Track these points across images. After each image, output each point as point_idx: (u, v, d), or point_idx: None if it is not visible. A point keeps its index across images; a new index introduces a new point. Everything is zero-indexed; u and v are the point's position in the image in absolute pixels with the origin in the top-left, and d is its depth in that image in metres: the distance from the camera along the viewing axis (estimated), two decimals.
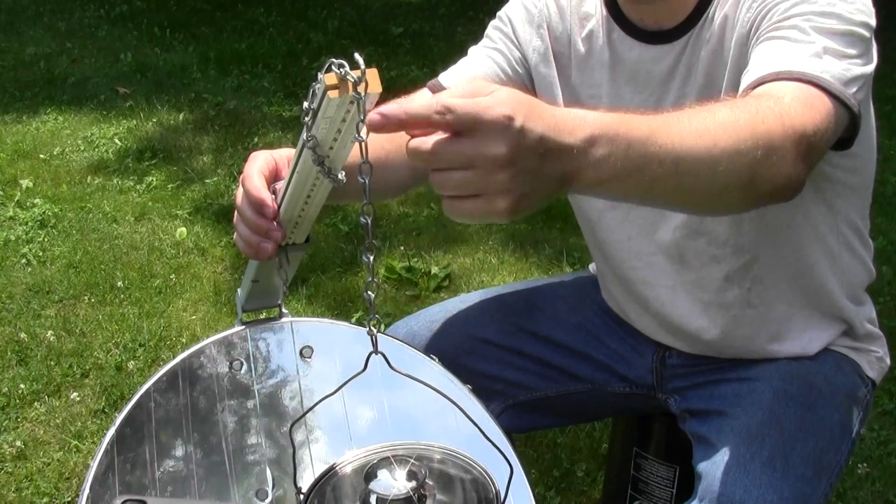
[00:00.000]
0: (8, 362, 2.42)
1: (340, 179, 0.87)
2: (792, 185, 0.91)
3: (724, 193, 0.87)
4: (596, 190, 0.79)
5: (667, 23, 1.17)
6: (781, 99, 0.91)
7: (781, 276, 1.24)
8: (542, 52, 1.28)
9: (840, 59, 0.98)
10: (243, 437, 1.07)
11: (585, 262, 2.77)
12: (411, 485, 0.86)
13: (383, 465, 0.88)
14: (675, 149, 0.80)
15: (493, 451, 0.85)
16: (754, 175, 0.86)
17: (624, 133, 0.77)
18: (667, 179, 0.81)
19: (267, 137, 3.94)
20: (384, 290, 2.80)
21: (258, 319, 1.22)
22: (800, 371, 1.24)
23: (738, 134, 0.85)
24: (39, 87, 4.48)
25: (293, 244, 1.11)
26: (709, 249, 1.23)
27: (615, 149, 0.76)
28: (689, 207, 0.99)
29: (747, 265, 1.23)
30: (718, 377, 1.30)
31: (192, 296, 2.76)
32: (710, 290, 1.26)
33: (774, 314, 1.26)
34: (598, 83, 1.24)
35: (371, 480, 0.86)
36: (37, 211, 3.21)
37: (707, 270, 1.25)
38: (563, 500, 2.04)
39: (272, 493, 1.03)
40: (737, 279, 1.24)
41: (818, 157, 0.95)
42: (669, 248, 1.26)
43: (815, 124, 0.91)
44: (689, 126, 0.83)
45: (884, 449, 2.18)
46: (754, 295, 1.25)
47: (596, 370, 1.40)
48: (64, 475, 2.07)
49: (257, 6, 5.91)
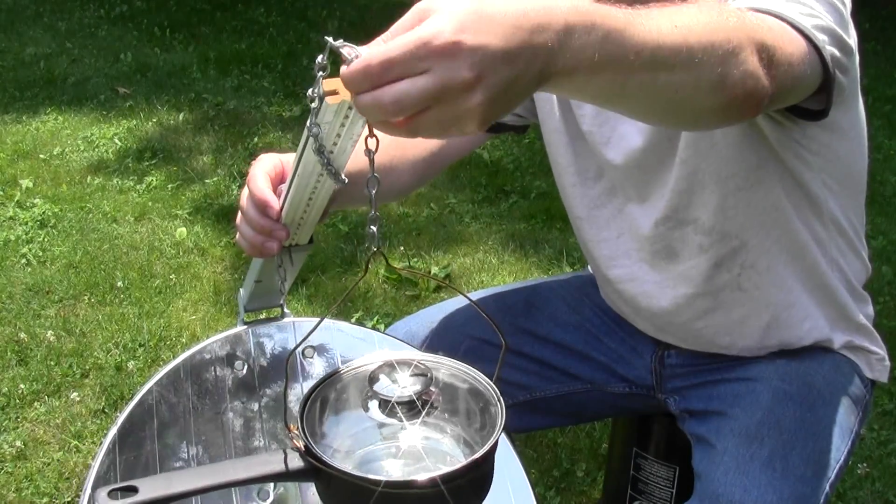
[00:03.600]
0: (8, 362, 2.42)
1: (343, 180, 0.87)
2: (760, 90, 0.86)
3: (697, 94, 0.83)
4: (568, 85, 0.75)
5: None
6: (744, 14, 0.89)
7: (776, 260, 1.23)
8: None
9: (811, 10, 0.97)
10: (245, 437, 1.08)
11: (585, 262, 2.77)
12: (416, 388, 0.86)
13: (388, 370, 0.88)
14: (653, 38, 0.76)
15: None
16: (725, 72, 0.82)
17: (600, 22, 0.72)
18: (642, 73, 0.77)
19: (267, 137, 3.95)
20: (384, 290, 2.80)
21: (260, 319, 1.22)
22: (799, 371, 1.24)
23: (709, 28, 0.82)
24: (39, 87, 4.48)
25: (296, 245, 1.12)
26: (696, 238, 1.22)
27: (591, 38, 0.72)
28: (658, 114, 0.92)
29: (735, 250, 1.22)
30: (718, 377, 1.30)
31: (192, 296, 2.76)
32: (698, 281, 1.25)
33: (770, 299, 1.25)
34: None
35: (375, 383, 0.86)
36: (37, 211, 3.21)
37: (695, 261, 1.24)
38: (563, 500, 2.04)
39: (273, 492, 1.03)
40: (725, 265, 1.23)
41: (784, 79, 0.90)
42: (655, 243, 1.26)
43: (774, 40, 0.88)
44: (663, 18, 0.79)
45: (884, 449, 2.18)
46: (745, 279, 1.24)
47: (595, 370, 1.40)
48: (64, 475, 2.07)
49: (257, 6, 5.91)
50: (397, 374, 0.87)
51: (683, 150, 1.17)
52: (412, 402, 0.85)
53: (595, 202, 1.30)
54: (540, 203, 3.40)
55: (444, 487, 0.77)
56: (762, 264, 1.23)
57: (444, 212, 3.33)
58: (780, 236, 1.21)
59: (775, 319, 1.26)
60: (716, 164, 1.16)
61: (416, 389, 0.86)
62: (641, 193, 1.24)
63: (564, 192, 1.35)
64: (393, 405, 0.85)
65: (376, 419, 0.87)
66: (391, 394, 0.85)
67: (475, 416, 0.89)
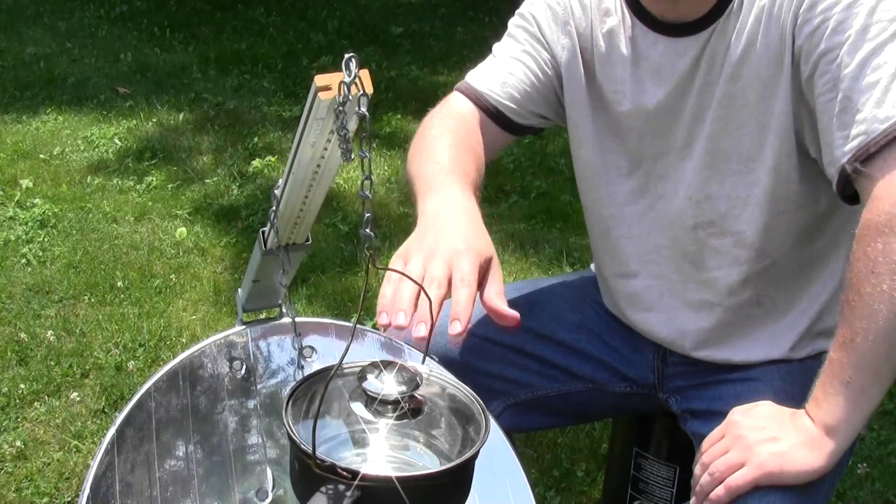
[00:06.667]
0: (8, 362, 2.42)
1: (351, 159, 0.87)
2: None
3: None
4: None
5: (690, 15, 1.16)
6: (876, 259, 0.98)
7: (794, 282, 1.25)
8: (570, 50, 1.27)
9: None
10: (244, 437, 1.07)
11: (585, 262, 2.77)
12: (402, 389, 0.86)
13: (378, 369, 0.88)
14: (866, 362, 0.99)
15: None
16: None
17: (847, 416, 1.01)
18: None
19: (267, 137, 3.95)
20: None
21: (259, 319, 1.22)
22: (801, 371, 1.24)
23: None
24: (39, 87, 4.49)
25: (294, 244, 1.11)
26: (733, 251, 1.23)
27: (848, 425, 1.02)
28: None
29: (766, 269, 1.23)
30: (720, 377, 1.30)
31: (192, 296, 2.76)
32: (721, 291, 1.26)
33: (778, 317, 1.26)
34: (621, 80, 1.23)
35: (363, 381, 0.87)
36: (37, 211, 3.21)
37: (724, 271, 1.24)
38: (563, 500, 2.04)
39: (272, 492, 1.03)
40: (753, 281, 1.24)
41: None
42: (687, 245, 1.26)
43: None
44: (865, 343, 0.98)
45: (884, 449, 2.18)
46: (765, 296, 1.25)
47: (597, 369, 1.40)
48: (64, 475, 2.07)
49: (257, 6, 5.92)
50: (385, 375, 0.87)
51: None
52: (397, 402, 0.85)
53: (627, 198, 1.30)
54: (540, 203, 3.40)
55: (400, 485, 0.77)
56: (783, 282, 1.25)
57: None
58: (807, 259, 1.23)
59: (777, 334, 1.27)
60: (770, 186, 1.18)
61: (403, 390, 0.86)
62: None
63: (594, 190, 1.34)
64: (378, 403, 0.85)
65: (361, 415, 0.87)
66: (377, 391, 0.85)
67: (456, 434, 0.90)
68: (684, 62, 1.17)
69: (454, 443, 0.89)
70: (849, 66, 1.02)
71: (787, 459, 1.05)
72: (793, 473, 1.04)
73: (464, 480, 0.85)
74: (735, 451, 1.08)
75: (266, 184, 3.48)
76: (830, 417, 1.03)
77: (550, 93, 1.31)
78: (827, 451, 1.03)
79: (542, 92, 1.30)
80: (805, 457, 1.04)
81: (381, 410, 0.86)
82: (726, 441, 1.10)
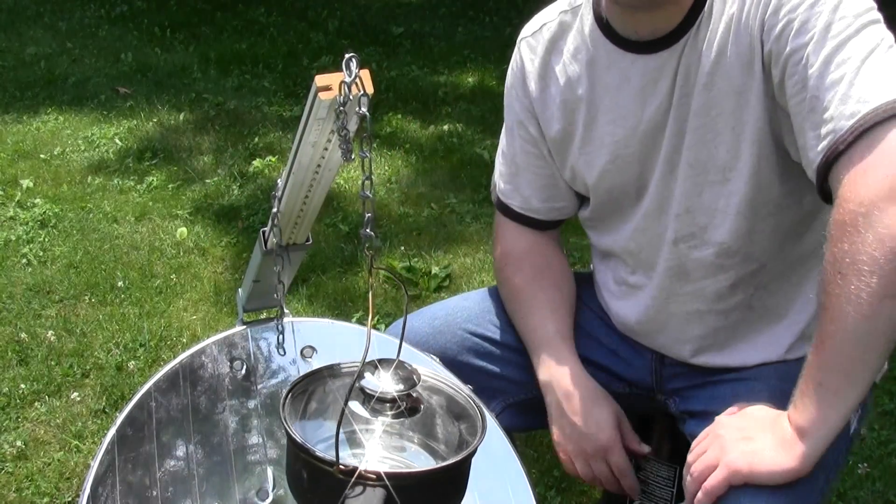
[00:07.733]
0: (8, 362, 2.42)
1: (351, 159, 0.87)
2: None
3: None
4: None
5: (663, 27, 1.16)
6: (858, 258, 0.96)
7: (785, 282, 1.25)
8: (555, 102, 1.28)
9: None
10: (244, 437, 1.08)
11: (585, 262, 2.77)
12: (399, 387, 0.86)
13: (376, 368, 0.88)
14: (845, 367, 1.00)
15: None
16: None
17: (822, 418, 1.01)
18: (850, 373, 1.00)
19: (267, 137, 3.95)
20: (384, 290, 2.80)
21: (259, 319, 1.22)
22: (797, 371, 1.24)
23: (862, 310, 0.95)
24: (40, 87, 4.49)
25: (294, 244, 1.11)
26: (716, 261, 1.23)
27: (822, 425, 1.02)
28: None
29: (755, 273, 1.23)
30: (717, 378, 1.30)
31: (192, 296, 2.76)
32: (710, 299, 1.26)
33: (773, 320, 1.26)
34: (610, 108, 1.23)
35: (361, 379, 0.87)
36: (37, 211, 3.21)
37: (710, 280, 1.25)
38: (563, 500, 2.04)
39: (272, 492, 1.03)
40: (742, 285, 1.24)
41: None
42: (670, 260, 1.26)
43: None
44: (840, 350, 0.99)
45: (884, 449, 2.18)
46: (756, 299, 1.25)
47: (595, 370, 1.40)
48: (64, 475, 2.07)
49: (257, 6, 5.91)
50: (384, 373, 0.87)
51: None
52: (394, 400, 0.85)
53: (620, 220, 1.32)
54: None
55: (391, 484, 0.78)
56: (773, 285, 1.25)
57: (445, 212, 3.33)
58: (795, 260, 1.23)
59: (771, 337, 1.27)
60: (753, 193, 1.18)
61: (400, 388, 0.86)
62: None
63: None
64: (376, 401, 0.85)
65: (358, 413, 0.87)
66: (376, 390, 0.85)
67: (453, 434, 0.90)
68: (664, 77, 1.17)
69: (450, 442, 0.89)
70: (814, 65, 1.01)
71: (758, 458, 1.05)
72: (763, 473, 1.04)
73: (460, 479, 0.85)
74: (711, 450, 1.09)
75: (266, 184, 3.48)
76: (804, 419, 1.03)
77: (550, 160, 1.36)
78: (799, 453, 1.03)
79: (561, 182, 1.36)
80: (776, 457, 1.04)
81: (379, 408, 0.86)
82: (706, 441, 1.11)
